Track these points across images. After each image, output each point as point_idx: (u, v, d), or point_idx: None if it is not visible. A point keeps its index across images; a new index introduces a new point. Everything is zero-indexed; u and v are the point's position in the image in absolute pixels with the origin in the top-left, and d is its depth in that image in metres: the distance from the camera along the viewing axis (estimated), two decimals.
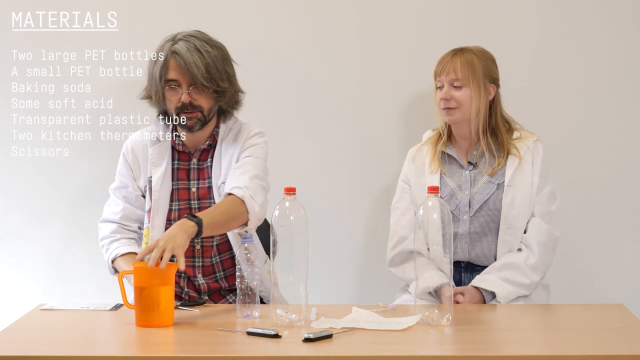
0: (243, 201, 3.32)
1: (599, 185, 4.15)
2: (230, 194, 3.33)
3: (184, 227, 3.14)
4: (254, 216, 3.33)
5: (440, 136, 3.62)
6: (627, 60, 4.12)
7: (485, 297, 3.40)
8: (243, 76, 3.57)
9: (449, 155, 3.59)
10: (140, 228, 3.54)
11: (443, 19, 4.12)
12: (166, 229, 3.38)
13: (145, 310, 2.95)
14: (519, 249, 3.49)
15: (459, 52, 3.56)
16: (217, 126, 3.52)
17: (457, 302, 3.33)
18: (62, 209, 4.16)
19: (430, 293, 3.31)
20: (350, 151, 4.17)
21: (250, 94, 3.60)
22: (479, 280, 3.43)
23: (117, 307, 3.22)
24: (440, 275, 3.11)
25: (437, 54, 4.02)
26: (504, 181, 3.51)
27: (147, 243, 3.44)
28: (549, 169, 3.57)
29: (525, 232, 3.50)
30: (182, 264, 3.03)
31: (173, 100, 3.44)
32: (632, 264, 4.18)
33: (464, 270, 3.53)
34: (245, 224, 3.33)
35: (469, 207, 3.52)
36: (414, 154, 3.66)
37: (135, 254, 3.37)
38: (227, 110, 3.53)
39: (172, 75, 3.43)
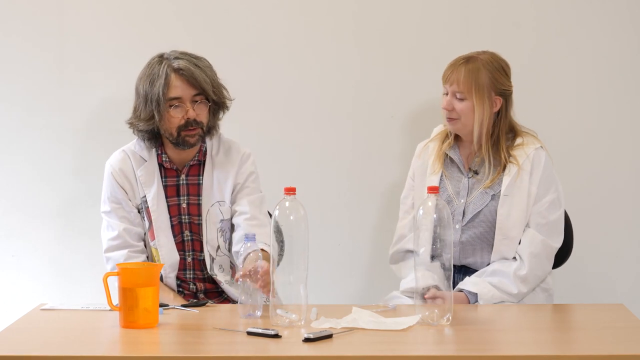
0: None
1: (599, 185, 4.15)
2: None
3: None
4: None
5: (448, 134, 3.59)
6: (628, 59, 4.12)
7: (470, 299, 3.39)
8: (241, 77, 3.57)
9: (452, 159, 3.58)
10: (145, 247, 3.51)
11: (443, 19, 4.11)
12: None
13: (130, 311, 2.93)
14: (514, 258, 3.47)
15: (466, 61, 3.48)
16: (203, 141, 3.50)
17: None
18: (62, 209, 4.16)
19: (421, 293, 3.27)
20: (350, 151, 4.17)
21: (249, 94, 3.61)
22: (463, 283, 3.43)
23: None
24: (429, 277, 3.09)
25: (437, 53, 4.03)
26: (500, 191, 3.47)
27: (159, 261, 3.45)
28: (552, 178, 3.50)
29: (520, 242, 3.47)
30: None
31: (176, 118, 3.38)
32: (632, 265, 4.17)
33: (457, 272, 3.51)
34: None
35: (463, 216, 3.52)
36: (420, 151, 3.64)
37: None
38: (214, 125, 3.49)
39: (175, 93, 3.37)
